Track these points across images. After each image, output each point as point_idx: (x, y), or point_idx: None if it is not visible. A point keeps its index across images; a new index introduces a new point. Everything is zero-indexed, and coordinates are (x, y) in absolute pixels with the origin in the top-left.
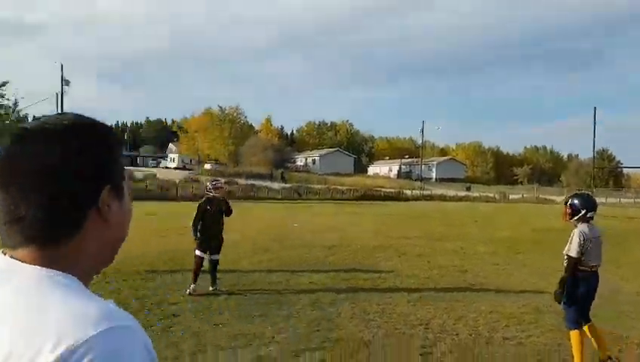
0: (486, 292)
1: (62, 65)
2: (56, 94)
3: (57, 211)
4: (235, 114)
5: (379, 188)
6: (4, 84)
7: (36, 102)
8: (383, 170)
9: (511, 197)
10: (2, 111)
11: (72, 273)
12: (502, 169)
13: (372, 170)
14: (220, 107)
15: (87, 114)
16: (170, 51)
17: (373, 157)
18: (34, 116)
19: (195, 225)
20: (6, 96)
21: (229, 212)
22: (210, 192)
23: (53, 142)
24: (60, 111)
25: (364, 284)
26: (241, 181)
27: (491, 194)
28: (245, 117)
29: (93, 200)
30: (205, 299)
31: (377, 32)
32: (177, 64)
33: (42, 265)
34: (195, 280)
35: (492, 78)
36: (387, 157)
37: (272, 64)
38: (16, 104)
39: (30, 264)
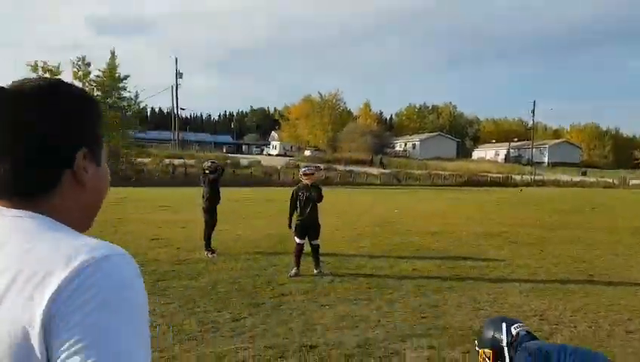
0: (606, 284)
1: (176, 59)
2: (172, 87)
3: (30, 168)
4: (334, 100)
5: (484, 173)
6: (125, 77)
7: (153, 95)
8: (489, 154)
9: (632, 182)
10: (124, 103)
11: None
12: (621, 152)
13: (477, 154)
14: (320, 94)
15: (199, 105)
16: (271, 42)
17: (478, 141)
18: (152, 108)
19: (290, 212)
20: (127, 89)
21: (319, 198)
22: (302, 179)
23: (27, 101)
24: (176, 103)
25: (471, 273)
26: (340, 167)
27: (610, 180)
28: (344, 103)
29: (68, 161)
30: (310, 280)
31: (482, 9)
32: (279, 54)
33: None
34: (297, 265)
35: (610, 54)
36: (494, 141)
37: (371, 48)
38: (137, 96)
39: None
